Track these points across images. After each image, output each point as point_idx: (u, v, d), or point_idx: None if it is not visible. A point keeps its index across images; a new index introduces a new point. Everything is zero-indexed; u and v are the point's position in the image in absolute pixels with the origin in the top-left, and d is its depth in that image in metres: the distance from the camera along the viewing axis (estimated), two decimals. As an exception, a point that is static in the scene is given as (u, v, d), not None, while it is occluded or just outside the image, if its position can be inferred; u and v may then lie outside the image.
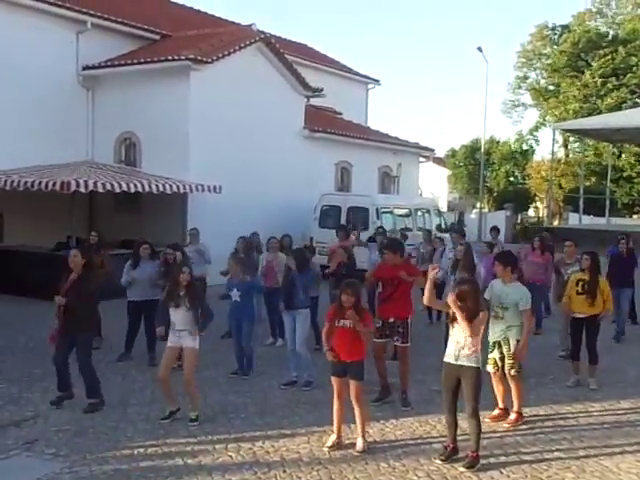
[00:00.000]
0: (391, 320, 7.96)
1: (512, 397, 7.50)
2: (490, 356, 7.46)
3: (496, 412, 7.52)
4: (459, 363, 6.21)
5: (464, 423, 6.43)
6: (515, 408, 7.50)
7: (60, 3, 16.87)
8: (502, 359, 7.46)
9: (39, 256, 14.53)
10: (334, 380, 6.67)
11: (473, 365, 6.20)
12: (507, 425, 7.34)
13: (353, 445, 6.58)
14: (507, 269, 7.48)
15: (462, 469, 6.10)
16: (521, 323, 7.37)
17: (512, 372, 7.44)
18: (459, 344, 6.22)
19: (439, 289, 9.89)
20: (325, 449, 6.56)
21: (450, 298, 6.28)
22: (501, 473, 6.12)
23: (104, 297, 7.95)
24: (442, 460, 6.21)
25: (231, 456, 6.41)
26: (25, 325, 11.94)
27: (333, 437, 6.67)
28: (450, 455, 6.24)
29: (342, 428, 6.71)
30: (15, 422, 7.13)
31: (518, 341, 7.43)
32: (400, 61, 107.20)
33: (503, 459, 6.44)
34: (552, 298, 12.03)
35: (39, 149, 16.32)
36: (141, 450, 6.49)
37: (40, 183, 14.21)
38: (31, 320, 12.20)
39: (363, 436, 6.61)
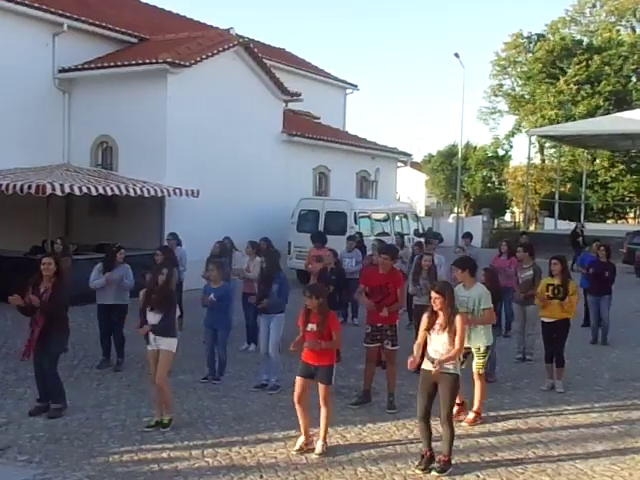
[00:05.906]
0: (379, 325, 8.00)
1: (474, 397, 7.60)
2: None
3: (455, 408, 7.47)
4: None
5: (439, 427, 6.44)
6: (475, 408, 7.58)
7: (36, 5, 16.67)
8: (466, 355, 7.44)
9: (14, 260, 14.33)
10: (298, 380, 6.63)
11: (451, 372, 6.24)
12: (465, 424, 7.39)
13: (330, 449, 6.57)
14: (464, 273, 7.56)
15: (436, 473, 6.11)
16: (490, 325, 7.58)
17: (481, 371, 7.58)
18: (437, 352, 6.23)
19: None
20: (293, 452, 6.56)
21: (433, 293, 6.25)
22: (477, 477, 6.15)
23: (73, 303, 7.86)
24: (421, 469, 6.19)
25: (208, 462, 6.37)
26: (-2, 330, 11.76)
27: (301, 440, 6.67)
28: (428, 462, 6.23)
29: (309, 431, 6.69)
30: (-13, 429, 7.02)
31: (488, 347, 7.56)
32: (379, 67, 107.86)
33: (479, 462, 6.47)
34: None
35: (14, 152, 16.12)
36: (116, 456, 6.42)
37: (15, 186, 14.01)
38: (5, 326, 12.01)
39: (324, 439, 6.62)
